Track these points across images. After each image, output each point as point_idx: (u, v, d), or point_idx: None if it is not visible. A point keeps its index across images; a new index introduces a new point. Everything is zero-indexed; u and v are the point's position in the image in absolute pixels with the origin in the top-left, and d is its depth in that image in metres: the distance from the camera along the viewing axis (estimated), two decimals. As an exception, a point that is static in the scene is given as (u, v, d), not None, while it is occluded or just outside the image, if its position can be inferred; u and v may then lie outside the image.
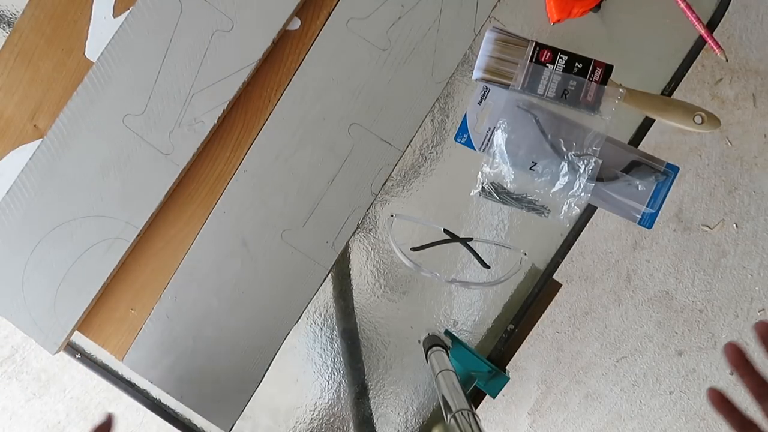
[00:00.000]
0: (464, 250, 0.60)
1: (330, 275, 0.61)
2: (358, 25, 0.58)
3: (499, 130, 0.56)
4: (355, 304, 0.62)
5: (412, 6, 0.58)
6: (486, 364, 0.59)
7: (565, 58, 0.54)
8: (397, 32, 0.58)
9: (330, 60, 0.59)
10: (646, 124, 0.58)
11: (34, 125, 0.61)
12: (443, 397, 0.51)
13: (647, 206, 0.57)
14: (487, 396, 0.60)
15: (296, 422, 0.63)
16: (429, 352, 0.57)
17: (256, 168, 0.60)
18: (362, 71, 0.59)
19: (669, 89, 0.58)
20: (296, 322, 0.61)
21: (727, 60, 0.76)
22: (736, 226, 1.31)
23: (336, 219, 0.60)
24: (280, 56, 0.59)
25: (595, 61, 0.54)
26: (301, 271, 0.60)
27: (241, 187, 0.60)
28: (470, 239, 0.59)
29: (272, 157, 0.60)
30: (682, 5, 0.56)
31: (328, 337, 0.63)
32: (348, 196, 0.60)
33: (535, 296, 0.60)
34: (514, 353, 0.61)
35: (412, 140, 0.59)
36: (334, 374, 0.63)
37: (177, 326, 0.61)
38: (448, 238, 0.59)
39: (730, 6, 0.57)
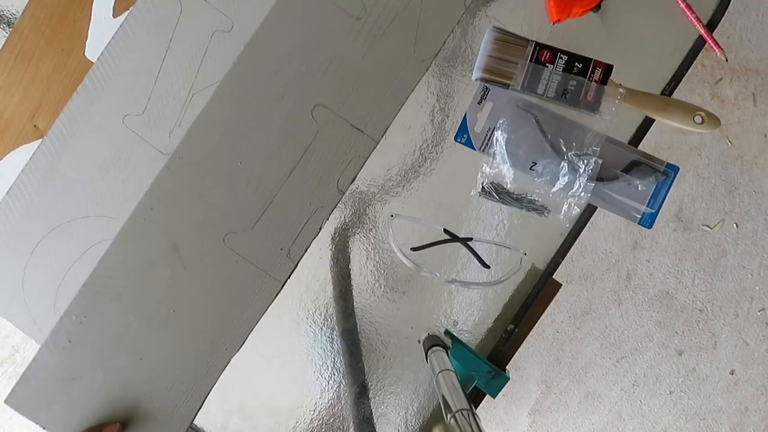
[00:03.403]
0: (464, 250, 0.60)
1: (330, 274, 0.61)
2: (328, -12, 0.49)
3: (499, 130, 0.56)
4: (355, 304, 0.62)
5: (392, -32, 0.48)
6: (486, 364, 0.59)
7: (565, 57, 0.54)
8: None
9: (292, 25, 0.49)
10: (646, 124, 0.58)
11: (34, 125, 0.61)
12: (443, 397, 0.51)
13: (647, 206, 0.57)
14: (487, 396, 0.60)
15: (296, 422, 0.63)
16: (429, 352, 0.57)
17: (194, 154, 0.49)
18: (331, 42, 0.49)
19: (669, 89, 0.58)
20: (239, 349, 0.51)
21: (727, 60, 0.76)
22: (736, 226, 1.31)
23: (293, 221, 0.51)
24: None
25: (595, 60, 0.54)
26: (248, 284, 0.51)
27: (174, 178, 0.50)
28: (470, 239, 0.59)
29: (214, 140, 0.50)
30: (682, 5, 0.56)
31: (328, 337, 0.63)
32: (309, 193, 0.51)
33: (535, 296, 0.60)
34: (514, 353, 0.61)
35: (388, 128, 0.50)
36: (334, 374, 0.63)
37: (81, 354, 0.50)
38: (448, 238, 0.59)
39: (730, 6, 0.57)
